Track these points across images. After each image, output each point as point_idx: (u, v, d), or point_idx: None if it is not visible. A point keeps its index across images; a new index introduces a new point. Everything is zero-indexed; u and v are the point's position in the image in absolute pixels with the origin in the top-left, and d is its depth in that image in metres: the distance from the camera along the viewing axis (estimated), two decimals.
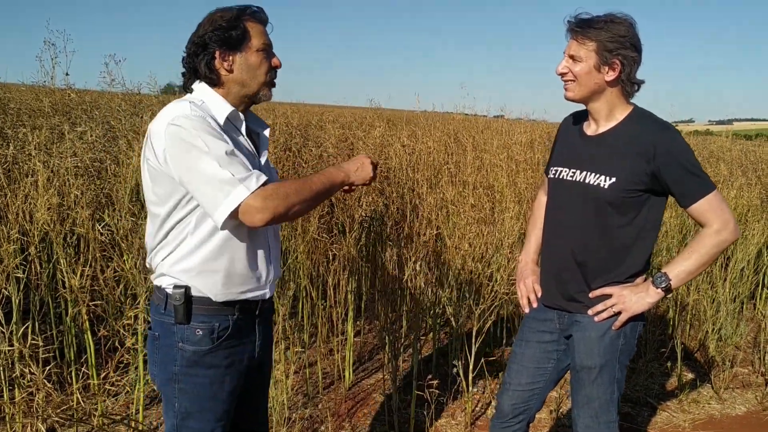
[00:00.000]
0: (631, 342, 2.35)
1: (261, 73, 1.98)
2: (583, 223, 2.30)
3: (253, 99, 2.03)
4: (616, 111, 2.30)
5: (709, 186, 2.20)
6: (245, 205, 1.75)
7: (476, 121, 8.21)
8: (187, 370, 1.95)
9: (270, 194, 1.77)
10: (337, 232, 4.13)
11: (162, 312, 1.95)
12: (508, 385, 2.56)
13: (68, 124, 4.20)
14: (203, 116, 1.83)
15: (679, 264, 2.22)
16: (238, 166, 1.77)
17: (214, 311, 1.95)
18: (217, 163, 1.75)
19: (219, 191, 1.75)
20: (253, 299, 2.04)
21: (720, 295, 4.52)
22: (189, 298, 1.92)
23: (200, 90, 1.96)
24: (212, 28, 1.90)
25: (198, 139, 1.77)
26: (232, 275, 1.94)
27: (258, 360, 2.14)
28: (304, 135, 5.37)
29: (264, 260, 2.03)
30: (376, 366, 4.48)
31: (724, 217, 2.19)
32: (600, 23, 2.19)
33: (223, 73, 1.94)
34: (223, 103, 1.94)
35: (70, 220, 3.40)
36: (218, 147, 1.77)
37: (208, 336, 1.94)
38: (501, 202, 4.47)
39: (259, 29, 1.98)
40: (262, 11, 2.00)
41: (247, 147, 1.99)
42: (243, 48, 1.94)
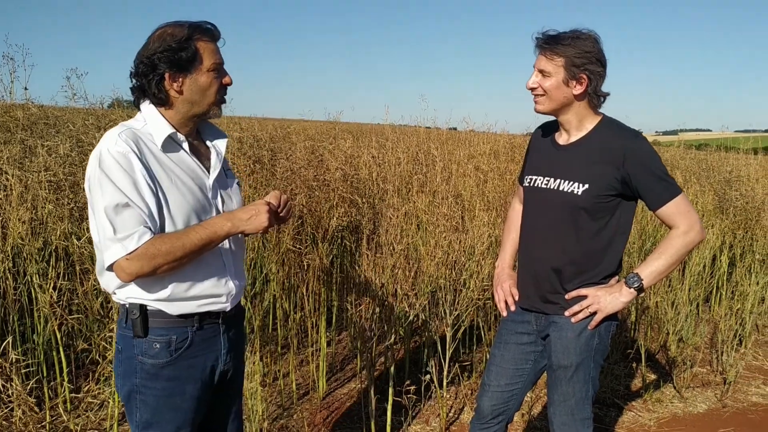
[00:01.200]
0: (605, 341, 2.46)
1: (211, 93, 1.97)
2: (558, 228, 2.40)
3: (201, 118, 2.02)
4: (585, 121, 2.41)
5: (676, 190, 2.32)
6: (116, 264, 1.79)
7: (439, 133, 8.34)
8: (146, 382, 1.96)
9: (138, 255, 1.77)
10: (310, 243, 4.16)
11: (123, 326, 1.96)
12: (487, 387, 2.63)
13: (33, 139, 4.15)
14: (125, 152, 1.81)
15: (650, 265, 2.34)
16: (126, 221, 1.78)
17: (172, 324, 1.96)
18: (106, 213, 1.77)
19: (104, 241, 1.80)
20: (214, 311, 2.04)
21: (679, 298, 4.69)
22: (145, 312, 1.92)
23: (145, 110, 1.96)
24: (162, 48, 1.88)
25: (104, 179, 1.78)
26: (182, 292, 1.94)
27: (226, 369, 2.13)
28: (271, 148, 5.39)
29: (218, 275, 2.03)
30: (349, 375, 4.52)
31: (691, 219, 2.31)
32: (567, 39, 2.30)
33: (172, 94, 1.93)
34: (164, 125, 1.93)
35: (43, 235, 3.36)
36: (114, 196, 1.77)
37: (165, 349, 1.95)
38: (470, 211, 4.57)
39: (211, 48, 1.95)
40: (214, 29, 1.98)
41: (189, 165, 1.98)
42: (193, 69, 1.92)
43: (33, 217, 3.38)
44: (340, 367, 4.67)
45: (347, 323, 4.85)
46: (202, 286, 1.98)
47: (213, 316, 2.04)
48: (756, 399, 4.50)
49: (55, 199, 3.46)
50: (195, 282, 1.96)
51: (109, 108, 6.00)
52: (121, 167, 1.79)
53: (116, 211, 1.77)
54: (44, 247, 3.42)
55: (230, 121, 6.73)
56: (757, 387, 4.70)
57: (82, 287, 3.12)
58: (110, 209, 1.77)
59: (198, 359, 2.02)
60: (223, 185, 2.11)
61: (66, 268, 3.40)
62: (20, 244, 3.28)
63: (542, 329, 2.52)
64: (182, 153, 1.98)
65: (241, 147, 5.01)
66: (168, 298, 1.92)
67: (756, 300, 5.28)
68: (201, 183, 2.00)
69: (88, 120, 4.97)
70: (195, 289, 1.96)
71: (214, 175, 2.05)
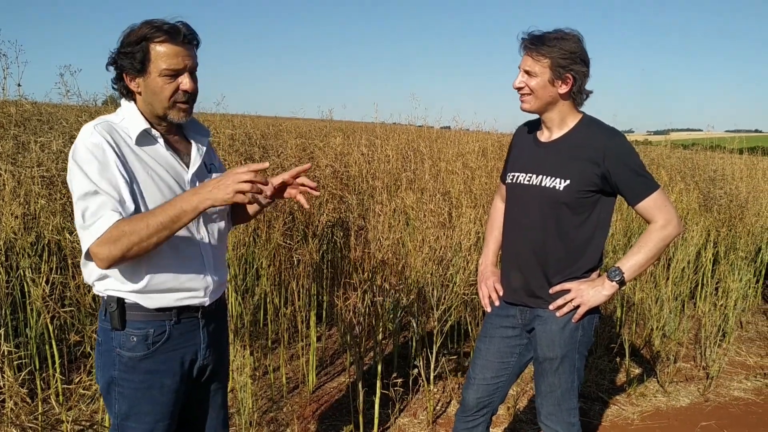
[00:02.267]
0: (588, 333, 2.53)
1: (163, 98, 1.94)
2: (541, 223, 2.46)
3: (163, 119, 2.00)
4: (567, 119, 2.48)
5: (654, 185, 2.39)
6: (91, 251, 1.80)
7: (429, 132, 8.41)
8: (124, 375, 1.97)
9: (106, 237, 1.76)
10: (301, 239, 4.22)
11: (103, 317, 1.98)
12: (473, 380, 2.70)
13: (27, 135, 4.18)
14: (99, 143, 1.83)
15: (630, 259, 2.41)
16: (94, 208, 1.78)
17: (149, 317, 1.96)
18: (78, 201, 1.81)
19: (78, 230, 1.83)
20: (193, 306, 2.05)
21: (663, 294, 4.77)
22: (122, 304, 1.94)
23: (124, 105, 2.00)
24: (120, 48, 1.91)
25: (76, 169, 1.81)
26: (158, 285, 1.95)
27: (205, 363, 2.14)
28: (263, 145, 5.44)
29: (198, 270, 2.04)
30: (338, 369, 4.58)
31: (668, 214, 2.39)
32: (552, 40, 2.37)
33: (135, 91, 1.97)
34: (140, 120, 1.95)
35: (36, 229, 3.41)
36: (84, 185, 1.79)
37: (142, 342, 1.96)
38: (458, 207, 4.64)
39: (165, 52, 1.90)
40: (173, 31, 1.91)
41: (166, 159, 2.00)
42: (145, 72, 1.91)
43: (26, 212, 3.43)
44: (330, 361, 4.73)
45: (337, 318, 4.91)
46: (179, 279, 1.98)
47: (192, 310, 2.05)
48: (738, 393, 4.58)
49: (48, 194, 3.50)
50: (172, 275, 1.97)
51: (102, 105, 6.03)
52: (94, 157, 1.80)
53: (85, 200, 1.79)
54: (37, 241, 3.47)
55: (222, 119, 6.77)
56: (739, 382, 4.78)
57: (74, 281, 3.17)
58: (80, 198, 1.79)
59: (176, 353, 2.03)
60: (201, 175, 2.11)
61: (58, 262, 3.45)
62: (13, 239, 3.32)
63: (527, 323, 2.58)
64: (158, 146, 1.99)
65: (233, 144, 5.06)
66: (144, 290, 1.93)
67: (739, 296, 5.36)
68: (179, 177, 2.01)
69: (82, 117, 5.01)
70: (172, 282, 1.97)
71: (192, 169, 2.05)
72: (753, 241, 6.31)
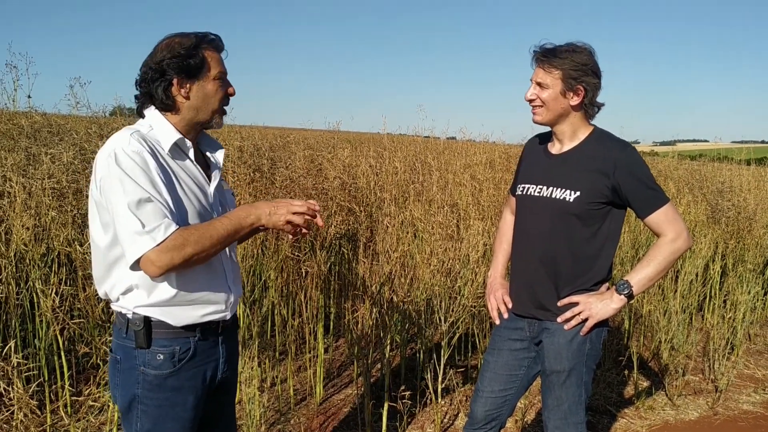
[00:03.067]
0: (596, 346, 2.52)
1: (215, 101, 2.03)
2: (551, 235, 2.47)
3: (204, 126, 2.07)
4: (578, 131, 2.49)
5: (664, 199, 2.40)
6: (145, 258, 1.79)
7: (435, 143, 8.42)
8: (149, 393, 1.96)
9: (167, 245, 1.78)
10: (309, 250, 4.23)
11: (123, 336, 1.96)
12: (481, 392, 2.69)
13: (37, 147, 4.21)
14: (138, 150, 1.84)
15: (639, 272, 2.41)
16: (152, 214, 1.79)
17: (175, 335, 1.97)
18: (129, 208, 1.78)
19: (129, 237, 1.79)
20: (215, 321, 2.07)
21: (671, 306, 4.76)
22: (149, 323, 1.94)
23: (151, 116, 2.00)
24: (171, 54, 1.94)
25: (124, 176, 1.80)
26: (187, 302, 1.96)
27: (223, 378, 2.16)
28: (271, 157, 5.46)
29: (221, 284, 2.07)
30: (346, 381, 4.57)
31: (678, 227, 2.39)
32: (564, 53, 2.39)
33: (179, 100, 1.98)
34: (171, 130, 1.98)
35: (46, 241, 3.43)
36: (135, 192, 1.79)
37: (169, 360, 1.96)
38: (466, 219, 4.64)
39: (216, 57, 2.03)
40: (219, 39, 2.05)
41: (193, 172, 2.03)
42: (201, 76, 1.98)
43: (36, 223, 3.44)
44: (337, 373, 4.72)
45: (345, 330, 4.91)
46: (206, 292, 2.00)
47: (213, 325, 2.07)
48: (747, 407, 4.56)
49: (59, 206, 3.52)
50: (200, 288, 1.99)
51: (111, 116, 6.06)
52: (138, 165, 1.82)
53: (139, 206, 1.78)
54: (47, 252, 3.48)
55: (231, 130, 6.80)
56: (748, 395, 4.76)
57: (84, 292, 3.18)
58: (133, 205, 1.78)
59: (199, 369, 2.05)
60: (221, 194, 2.17)
61: (68, 273, 3.46)
62: (23, 250, 3.34)
63: (535, 335, 2.58)
64: (187, 161, 2.03)
65: (242, 156, 5.08)
66: (172, 302, 1.93)
67: (747, 309, 5.35)
68: (203, 190, 2.05)
69: (91, 128, 5.05)
70: (200, 295, 1.99)
71: (214, 183, 2.10)
72: (761, 253, 6.29)
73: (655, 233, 2.46)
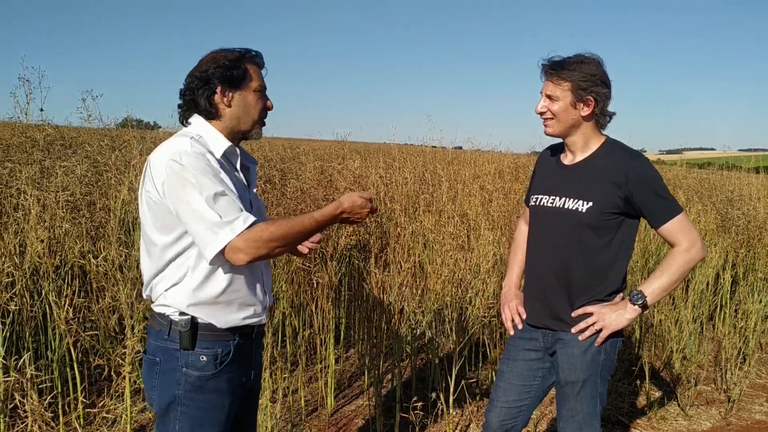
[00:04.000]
0: (611, 357, 2.52)
1: (255, 112, 2.13)
2: (564, 245, 2.47)
3: (245, 135, 2.16)
4: (590, 142, 2.50)
5: (677, 208, 2.40)
6: (230, 246, 1.87)
7: (444, 153, 8.44)
8: (191, 394, 2.02)
9: (254, 237, 1.88)
10: (320, 261, 4.24)
11: (165, 338, 2.01)
12: (495, 402, 2.69)
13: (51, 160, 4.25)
14: (202, 152, 1.94)
15: (653, 282, 2.41)
16: (228, 207, 1.89)
17: (217, 337, 2.04)
18: (207, 203, 1.86)
19: (208, 230, 1.87)
20: (252, 324, 2.13)
21: (683, 316, 4.74)
22: (195, 325, 2.00)
23: (198, 124, 2.08)
24: (216, 65, 2.04)
25: (193, 177, 1.88)
26: (234, 304, 2.05)
27: (253, 383, 2.23)
28: (281, 168, 5.49)
29: (261, 288, 2.15)
30: (357, 392, 4.57)
31: (692, 237, 2.39)
32: (572, 64, 2.40)
33: (221, 108, 2.07)
34: (221, 138, 2.06)
35: (60, 253, 3.45)
36: (210, 187, 1.88)
37: (212, 362, 2.02)
38: (476, 230, 4.64)
39: (258, 72, 2.14)
40: (260, 56, 2.16)
41: (241, 180, 2.12)
42: (243, 87, 2.08)
43: (51, 236, 3.47)
44: (349, 383, 4.72)
45: (356, 340, 4.91)
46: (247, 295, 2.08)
47: (249, 329, 2.14)
48: (760, 417, 4.53)
49: (72, 219, 3.55)
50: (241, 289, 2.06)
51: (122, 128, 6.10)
52: (205, 164, 1.92)
53: (216, 200, 1.87)
54: (61, 265, 3.51)
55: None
56: (761, 405, 4.73)
57: (98, 304, 3.20)
58: (210, 199, 1.87)
59: (236, 373, 2.11)
60: (256, 201, 2.25)
61: (81, 285, 3.48)
62: (38, 262, 3.36)
63: (549, 346, 2.58)
64: (233, 168, 2.12)
65: None
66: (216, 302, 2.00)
67: (759, 318, 5.31)
68: (245, 195, 2.11)
69: (104, 141, 5.08)
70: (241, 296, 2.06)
71: (253, 189, 2.21)
72: None
73: (669, 243, 2.46)
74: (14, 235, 3.35)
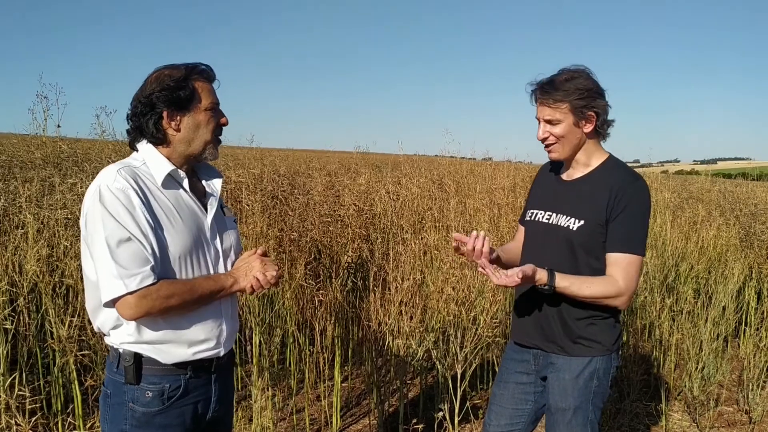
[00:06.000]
0: (604, 384, 2.41)
1: (207, 132, 2.01)
2: (557, 263, 2.35)
3: (197, 158, 2.04)
4: (592, 158, 2.42)
5: (638, 248, 2.30)
6: (122, 301, 1.79)
7: (461, 166, 8.34)
8: (136, 429, 1.93)
9: (149, 293, 1.80)
10: (324, 278, 4.19)
11: (114, 370, 1.94)
12: (488, 426, 2.62)
13: (59, 176, 4.27)
14: (124, 188, 1.83)
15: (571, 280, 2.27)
16: (130, 258, 1.78)
17: (166, 372, 1.94)
18: (108, 248, 1.77)
19: (105, 277, 1.79)
20: (207, 358, 2.03)
21: (702, 334, 4.58)
22: (139, 359, 1.91)
23: (143, 150, 1.98)
24: (160, 87, 1.92)
25: (105, 214, 1.79)
26: (178, 340, 1.94)
27: (215, 416, 2.11)
28: (291, 183, 5.46)
29: (214, 320, 2.03)
30: (363, 411, 4.49)
31: (629, 285, 2.28)
32: (563, 83, 2.30)
33: (170, 133, 1.96)
34: (164, 162, 1.96)
35: (59, 271, 3.44)
36: (116, 233, 1.78)
37: (158, 398, 1.93)
38: None
39: (207, 88, 2.01)
40: (209, 69, 2.04)
41: (188, 203, 2.00)
42: (191, 108, 1.97)
43: (50, 253, 3.46)
44: (356, 402, 4.65)
45: (365, 359, 4.83)
46: (198, 328, 1.97)
47: (206, 363, 2.03)
48: None
49: (72, 236, 3.54)
50: (191, 324, 1.95)
51: None
52: (121, 203, 1.80)
53: (118, 246, 1.77)
54: (59, 284, 3.49)
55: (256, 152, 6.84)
56: None
57: (91, 324, 3.17)
58: (112, 244, 1.77)
59: (189, 407, 2.00)
60: (221, 224, 2.13)
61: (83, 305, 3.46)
62: (34, 281, 3.35)
63: (540, 369, 2.49)
64: (181, 191, 2.00)
65: (262, 182, 5.08)
66: (162, 340, 1.91)
67: None
68: (200, 223, 2.01)
69: (111, 157, 5.10)
70: (191, 331, 1.95)
71: (211, 214, 2.06)
72: None
73: (606, 272, 2.32)
74: (13, 252, 3.35)
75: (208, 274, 2.02)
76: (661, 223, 5.97)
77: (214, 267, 2.05)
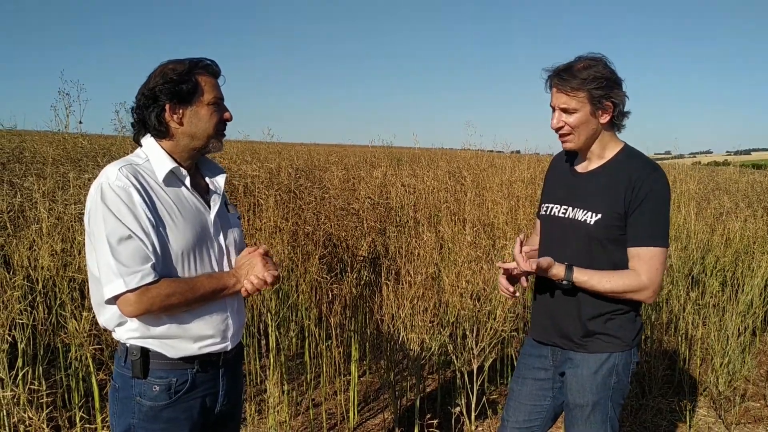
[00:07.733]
0: (623, 380, 2.34)
1: (210, 126, 2.00)
2: (574, 257, 2.29)
3: (201, 151, 2.04)
4: (607, 149, 2.34)
5: (661, 241, 2.22)
6: (122, 298, 1.79)
7: (481, 159, 8.26)
8: (144, 423, 1.94)
9: (150, 291, 1.80)
10: (339, 272, 4.16)
11: (122, 364, 1.95)
12: (506, 422, 2.57)
13: (75, 172, 4.29)
14: (125, 186, 1.83)
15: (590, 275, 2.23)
16: (131, 255, 1.79)
17: (172, 366, 1.94)
18: (109, 246, 1.78)
19: (106, 274, 1.79)
20: (215, 352, 2.03)
21: (729, 328, 4.47)
22: (146, 353, 1.91)
23: (147, 145, 1.98)
24: (163, 81, 1.92)
25: (107, 212, 1.79)
26: (184, 334, 1.94)
27: (223, 410, 2.11)
28: (309, 178, 5.44)
29: (220, 314, 2.03)
30: (381, 406, 4.46)
31: (653, 278, 2.21)
32: (582, 71, 2.22)
33: (172, 126, 1.96)
34: (166, 159, 1.95)
35: (74, 266, 3.46)
36: (117, 230, 1.79)
37: (165, 392, 1.93)
38: (503, 239, 4.48)
39: (211, 82, 2.01)
40: (214, 64, 2.04)
41: (190, 200, 2.00)
42: (194, 102, 1.96)
43: (65, 248, 3.48)
44: (374, 396, 4.62)
45: (384, 353, 4.81)
46: (203, 323, 1.97)
47: (213, 357, 2.03)
48: None
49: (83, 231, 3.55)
50: (196, 319, 1.95)
51: None
52: (123, 201, 1.81)
53: (119, 244, 1.78)
54: (73, 279, 3.51)
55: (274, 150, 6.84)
56: None
57: None
58: (113, 242, 1.78)
59: (196, 401, 2.01)
60: (225, 220, 2.12)
61: None
62: (48, 275, 3.37)
63: (558, 365, 2.43)
64: (183, 189, 1.99)
65: (278, 176, 5.07)
66: (167, 335, 1.91)
67: None
68: (202, 219, 2.01)
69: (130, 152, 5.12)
70: (196, 326, 1.95)
71: (214, 210, 2.06)
72: None
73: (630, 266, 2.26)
74: (28, 248, 3.37)
75: (212, 271, 2.02)
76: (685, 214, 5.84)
77: (218, 264, 2.05)
